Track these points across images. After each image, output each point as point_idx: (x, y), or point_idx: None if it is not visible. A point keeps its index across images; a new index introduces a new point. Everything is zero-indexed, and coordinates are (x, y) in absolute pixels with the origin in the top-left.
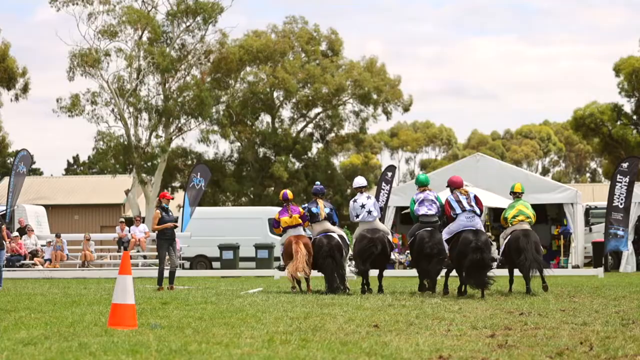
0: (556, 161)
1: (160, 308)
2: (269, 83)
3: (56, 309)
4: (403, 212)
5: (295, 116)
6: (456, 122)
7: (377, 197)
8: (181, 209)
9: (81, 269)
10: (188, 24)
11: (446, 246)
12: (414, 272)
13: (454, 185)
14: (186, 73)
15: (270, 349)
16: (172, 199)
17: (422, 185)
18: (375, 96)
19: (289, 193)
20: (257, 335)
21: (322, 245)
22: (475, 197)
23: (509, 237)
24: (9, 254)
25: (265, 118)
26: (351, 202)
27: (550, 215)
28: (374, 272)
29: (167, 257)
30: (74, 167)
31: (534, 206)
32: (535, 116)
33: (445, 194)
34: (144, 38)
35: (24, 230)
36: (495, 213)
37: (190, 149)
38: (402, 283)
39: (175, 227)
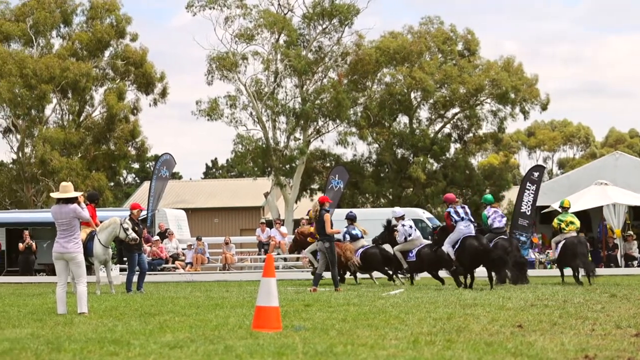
0: None
1: (303, 310)
2: (406, 84)
3: (200, 312)
4: (543, 211)
5: (433, 117)
6: (593, 120)
7: (520, 196)
8: None
9: (222, 271)
10: (324, 26)
11: (451, 253)
12: (553, 271)
13: (449, 201)
14: (323, 75)
15: (415, 350)
16: (332, 202)
17: (491, 203)
18: (512, 95)
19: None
20: (402, 336)
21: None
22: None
23: (563, 242)
24: (150, 258)
25: (403, 119)
26: (400, 226)
27: None
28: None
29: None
30: (212, 171)
31: None
32: None
33: (581, 194)
34: (281, 41)
35: (164, 235)
36: (635, 211)
37: (328, 150)
38: (542, 281)
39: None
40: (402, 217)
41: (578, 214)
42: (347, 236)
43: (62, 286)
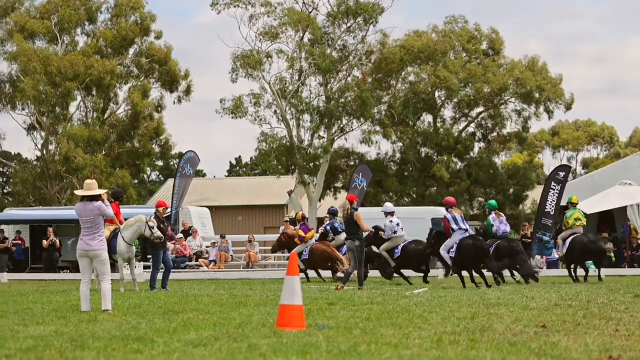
0: None
1: (327, 309)
2: (431, 83)
3: (224, 310)
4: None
5: (457, 116)
6: (618, 120)
7: (545, 196)
8: None
9: (246, 270)
10: (349, 25)
11: (447, 258)
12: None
13: (449, 205)
14: (347, 74)
15: (439, 350)
16: (359, 200)
17: (495, 209)
18: (537, 95)
19: (305, 215)
20: (426, 335)
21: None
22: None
23: (572, 237)
24: (174, 256)
25: (427, 118)
26: (387, 222)
27: None
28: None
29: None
30: (236, 169)
31: None
32: None
33: (605, 194)
34: (305, 39)
35: (188, 232)
36: None
37: (352, 149)
38: (566, 281)
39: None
40: (392, 214)
41: (602, 214)
42: (330, 230)
43: (86, 284)
